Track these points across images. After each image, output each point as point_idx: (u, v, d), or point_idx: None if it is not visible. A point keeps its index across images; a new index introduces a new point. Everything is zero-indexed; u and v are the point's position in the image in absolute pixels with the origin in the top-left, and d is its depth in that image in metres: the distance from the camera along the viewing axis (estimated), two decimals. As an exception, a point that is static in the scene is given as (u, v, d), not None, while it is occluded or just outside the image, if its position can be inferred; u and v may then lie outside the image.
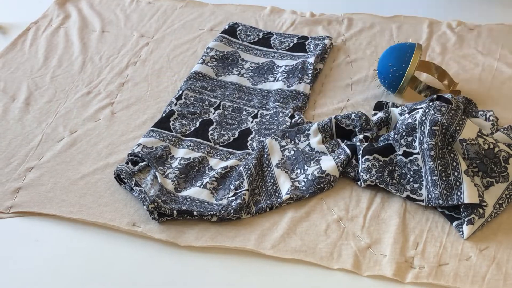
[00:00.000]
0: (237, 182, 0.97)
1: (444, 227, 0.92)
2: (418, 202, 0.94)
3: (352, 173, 0.99)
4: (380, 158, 0.97)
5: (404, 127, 0.96)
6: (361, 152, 0.98)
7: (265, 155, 1.02)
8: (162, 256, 0.90)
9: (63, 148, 1.08)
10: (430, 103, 0.96)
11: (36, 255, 0.92)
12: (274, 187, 0.98)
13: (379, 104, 1.10)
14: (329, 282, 0.86)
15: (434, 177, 0.92)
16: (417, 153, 0.95)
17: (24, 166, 1.05)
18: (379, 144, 1.00)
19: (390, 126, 1.05)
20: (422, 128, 0.94)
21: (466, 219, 0.89)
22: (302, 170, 0.99)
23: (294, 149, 1.02)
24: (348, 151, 1.00)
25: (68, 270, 0.90)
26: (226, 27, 1.31)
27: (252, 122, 1.09)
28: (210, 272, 0.88)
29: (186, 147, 1.05)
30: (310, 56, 1.21)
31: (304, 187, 0.97)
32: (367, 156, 0.97)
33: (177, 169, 1.00)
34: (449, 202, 0.91)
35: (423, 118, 0.94)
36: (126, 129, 1.11)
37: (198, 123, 1.09)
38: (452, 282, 0.84)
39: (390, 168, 0.96)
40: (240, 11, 1.40)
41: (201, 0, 1.44)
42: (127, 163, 1.01)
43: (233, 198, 0.95)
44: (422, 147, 0.94)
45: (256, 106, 1.12)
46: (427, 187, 0.93)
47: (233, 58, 1.23)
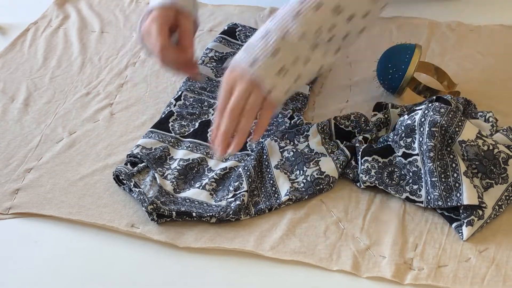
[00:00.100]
0: (236, 183, 0.97)
1: (444, 229, 0.91)
2: (418, 204, 0.94)
3: (351, 174, 0.99)
4: (380, 159, 0.97)
5: (403, 128, 0.96)
6: (360, 153, 0.98)
7: (264, 156, 1.02)
8: (161, 257, 0.90)
9: (62, 149, 1.08)
10: (429, 104, 0.96)
11: (36, 256, 0.92)
12: (273, 188, 0.98)
13: (379, 105, 1.10)
14: (328, 284, 0.86)
15: (434, 179, 0.92)
16: (417, 154, 0.95)
17: (23, 167, 1.05)
18: (379, 145, 1.00)
19: (390, 127, 1.05)
20: (421, 129, 0.93)
21: (466, 221, 0.89)
22: (301, 171, 0.99)
23: (293, 150, 1.02)
24: (347, 152, 1.00)
25: (68, 271, 0.89)
26: (226, 28, 1.31)
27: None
28: (210, 273, 0.88)
29: (185, 148, 1.05)
30: (310, 57, 1.21)
31: (303, 188, 0.97)
32: (367, 157, 0.97)
33: (176, 170, 1.00)
34: (449, 204, 0.91)
35: (422, 119, 0.94)
36: (125, 130, 1.11)
37: (197, 124, 1.08)
38: (451, 284, 0.84)
39: (390, 169, 0.96)
40: (240, 12, 1.40)
41: (200, 1, 1.44)
42: (126, 164, 1.01)
43: (232, 200, 0.95)
44: (421, 148, 0.93)
45: (255, 107, 1.12)
46: (427, 189, 0.93)
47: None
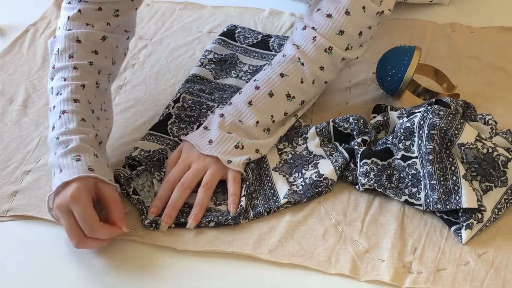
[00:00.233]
0: (235, 186, 0.97)
1: (443, 232, 0.91)
2: (417, 207, 0.94)
3: (350, 177, 0.98)
4: (379, 162, 0.97)
5: (403, 131, 0.96)
6: (359, 156, 0.98)
7: (263, 159, 1.01)
8: (160, 260, 0.90)
9: (61, 151, 1.07)
10: (429, 107, 0.96)
11: (33, 259, 0.91)
12: (272, 191, 0.97)
13: (378, 107, 1.10)
14: (327, 287, 0.86)
15: (433, 181, 0.91)
16: (416, 157, 0.94)
17: (22, 169, 1.04)
18: (378, 148, 0.99)
19: (389, 130, 1.05)
20: (421, 132, 0.93)
21: (465, 224, 0.89)
22: (300, 174, 0.99)
23: (292, 153, 1.02)
24: (346, 155, 0.99)
25: (65, 274, 0.89)
26: (225, 30, 1.31)
27: (250, 125, 1.08)
28: (207, 276, 0.88)
29: (184, 151, 1.04)
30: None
31: (302, 191, 0.97)
32: (365, 160, 0.97)
33: (175, 173, 1.00)
34: (448, 207, 0.90)
35: (422, 122, 0.94)
36: (124, 132, 1.10)
37: (196, 127, 1.08)
38: (450, 287, 0.84)
39: (389, 172, 0.96)
40: (239, 13, 1.40)
41: (200, 2, 1.44)
42: (124, 167, 1.01)
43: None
44: (421, 151, 0.93)
45: (255, 109, 1.12)
46: (426, 191, 0.93)
47: (232, 61, 1.23)
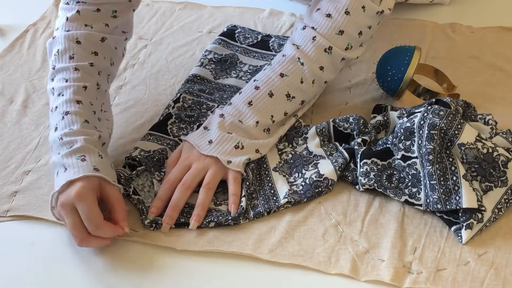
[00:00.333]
0: (236, 186, 0.97)
1: (443, 232, 0.91)
2: (417, 207, 0.94)
3: (350, 177, 0.98)
4: (379, 162, 0.97)
5: (403, 131, 0.95)
6: (359, 156, 0.97)
7: (263, 159, 1.01)
8: (160, 260, 0.90)
9: (61, 151, 1.07)
10: (429, 107, 0.96)
11: (33, 259, 0.91)
12: (272, 191, 0.97)
13: (378, 107, 1.10)
14: (327, 287, 0.86)
15: (433, 182, 0.91)
16: (416, 157, 0.94)
17: (22, 169, 1.04)
18: (378, 148, 0.99)
19: (389, 130, 1.04)
20: (421, 132, 0.93)
21: (465, 224, 0.89)
22: (300, 174, 0.99)
23: (292, 153, 1.02)
24: (346, 155, 0.99)
25: (65, 274, 0.89)
26: (225, 30, 1.31)
27: (250, 125, 1.08)
28: (208, 276, 0.88)
29: (184, 151, 1.04)
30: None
31: (302, 191, 0.97)
32: (365, 160, 0.97)
33: (175, 173, 1.00)
34: (448, 207, 0.90)
35: (422, 122, 0.94)
36: (124, 132, 1.10)
37: (196, 127, 1.08)
38: (450, 287, 0.84)
39: (389, 172, 0.96)
40: (239, 13, 1.40)
41: (200, 2, 1.44)
42: (124, 167, 1.01)
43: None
44: (421, 151, 0.93)
45: (254, 109, 1.11)
46: (426, 192, 0.93)
47: (232, 61, 1.23)
